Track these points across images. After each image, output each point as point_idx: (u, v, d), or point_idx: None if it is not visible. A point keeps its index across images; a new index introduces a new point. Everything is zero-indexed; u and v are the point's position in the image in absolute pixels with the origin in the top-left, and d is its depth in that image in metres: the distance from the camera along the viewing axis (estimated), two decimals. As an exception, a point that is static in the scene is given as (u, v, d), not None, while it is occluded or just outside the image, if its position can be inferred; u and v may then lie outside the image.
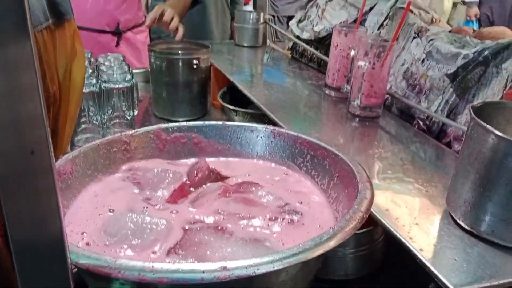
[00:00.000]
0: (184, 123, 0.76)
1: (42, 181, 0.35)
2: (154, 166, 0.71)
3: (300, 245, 0.45)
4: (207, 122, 0.77)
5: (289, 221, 0.60)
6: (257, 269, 0.41)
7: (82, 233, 0.57)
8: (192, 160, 0.75)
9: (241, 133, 0.76)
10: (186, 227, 0.58)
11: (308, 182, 0.69)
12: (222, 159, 0.76)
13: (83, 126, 1.18)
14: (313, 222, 0.60)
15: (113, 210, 0.62)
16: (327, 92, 1.18)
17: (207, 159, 0.74)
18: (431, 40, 1.03)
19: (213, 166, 0.72)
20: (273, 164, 0.74)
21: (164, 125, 0.75)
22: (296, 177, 0.71)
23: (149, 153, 0.74)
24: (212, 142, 0.76)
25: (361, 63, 1.00)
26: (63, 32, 0.76)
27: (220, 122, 0.77)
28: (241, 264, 0.42)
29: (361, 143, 0.97)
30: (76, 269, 0.45)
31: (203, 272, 0.40)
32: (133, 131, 0.73)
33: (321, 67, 1.39)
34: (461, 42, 0.97)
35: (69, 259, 0.38)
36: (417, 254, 0.60)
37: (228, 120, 1.32)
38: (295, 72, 1.41)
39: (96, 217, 0.60)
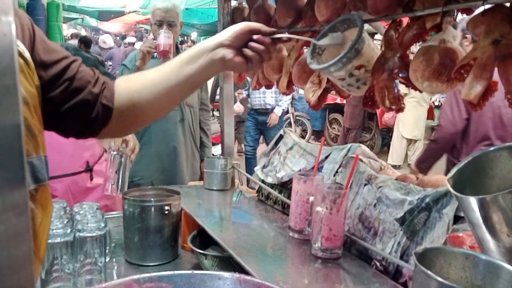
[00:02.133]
0: (154, 274, 0.81)
1: None
2: (125, 318, 0.74)
3: None
4: (176, 272, 0.82)
5: None
6: None
7: None
8: (162, 310, 0.79)
9: (209, 281, 0.81)
10: None
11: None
12: (191, 308, 0.80)
13: (54, 274, 1.20)
14: None
15: None
16: (290, 234, 1.26)
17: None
18: (380, 187, 1.15)
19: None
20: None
21: (136, 276, 0.80)
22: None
23: (121, 306, 0.77)
24: (181, 291, 0.81)
25: (319, 208, 1.09)
26: (40, 195, 0.82)
27: (189, 271, 0.82)
28: None
29: (325, 285, 1.02)
30: None
31: None
32: (106, 283, 0.77)
33: (285, 209, 1.49)
34: (406, 189, 1.09)
35: None
36: None
37: (198, 263, 1.36)
38: (262, 214, 1.49)
39: None
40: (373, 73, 1.04)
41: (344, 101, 6.42)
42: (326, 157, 1.37)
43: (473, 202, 0.70)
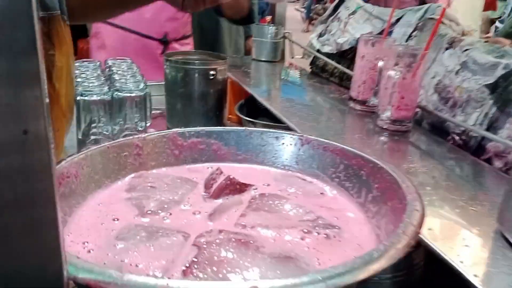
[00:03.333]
0: (202, 128, 0.69)
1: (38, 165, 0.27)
2: (168, 174, 0.64)
3: (347, 263, 0.37)
4: (228, 128, 0.70)
5: (325, 236, 0.52)
6: (297, 291, 0.34)
7: (84, 243, 0.50)
8: (210, 168, 0.68)
9: (265, 140, 0.69)
10: (203, 241, 0.50)
11: (341, 195, 0.61)
12: (244, 166, 0.69)
13: (92, 137, 1.12)
14: (350, 240, 0.52)
15: (118, 220, 0.54)
16: (351, 105, 1.11)
17: (227, 165, 0.67)
18: (466, 50, 0.96)
19: (233, 174, 0.65)
20: (300, 175, 0.66)
21: (180, 130, 0.68)
22: (328, 189, 0.63)
23: (163, 159, 0.67)
24: (232, 149, 0.69)
25: (392, 72, 0.93)
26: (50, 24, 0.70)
27: (242, 128, 0.70)
28: (276, 284, 0.34)
29: (393, 158, 0.89)
30: (75, 287, 0.38)
31: (231, 291, 0.33)
32: (146, 134, 0.66)
33: (343, 81, 1.32)
34: (500, 51, 0.89)
35: (65, 272, 0.30)
36: (471, 280, 0.51)
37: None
38: (316, 87, 1.34)
39: (99, 227, 0.52)
40: None
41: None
42: (397, 20, 1.17)
43: None
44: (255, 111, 1.24)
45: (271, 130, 0.69)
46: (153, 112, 1.31)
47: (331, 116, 1.10)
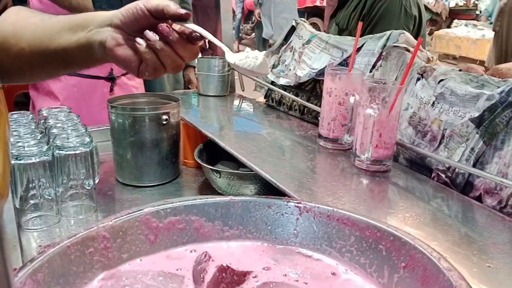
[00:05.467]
0: (180, 203, 0.58)
1: None
2: (145, 270, 0.52)
3: None
4: (209, 199, 0.59)
5: None
6: None
7: None
8: (193, 251, 0.57)
9: (255, 211, 0.59)
10: None
11: (357, 276, 0.52)
12: (233, 244, 0.58)
13: (31, 202, 0.96)
14: None
15: None
16: (322, 143, 1.04)
17: (213, 246, 0.56)
18: (441, 80, 0.91)
19: (224, 258, 0.54)
20: (303, 251, 0.57)
21: (154, 208, 0.56)
22: (340, 268, 0.54)
23: (136, 249, 0.54)
24: (217, 224, 0.58)
25: (369, 111, 0.86)
26: None
27: (227, 198, 0.59)
28: None
29: (377, 202, 0.81)
30: None
31: None
32: (114, 220, 0.54)
33: (305, 115, 1.25)
34: (479, 81, 0.85)
35: None
36: None
37: (205, 182, 1.14)
38: (277, 123, 1.26)
39: None
40: None
41: (324, 3, 6.03)
42: (358, 49, 1.12)
43: None
44: (215, 154, 1.14)
45: (261, 197, 0.59)
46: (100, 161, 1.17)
47: (301, 156, 1.01)
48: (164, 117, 1.09)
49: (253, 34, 8.78)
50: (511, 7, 3.10)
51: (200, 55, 1.70)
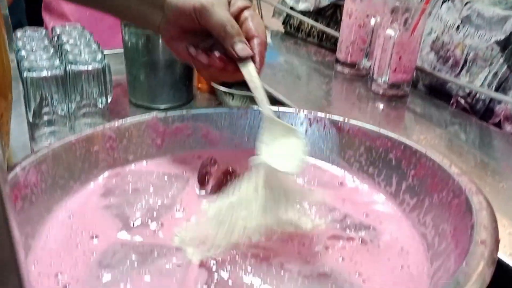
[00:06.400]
0: (187, 111, 0.57)
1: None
2: (150, 170, 0.52)
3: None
4: (217, 108, 0.58)
5: (360, 241, 0.42)
6: None
7: (56, 276, 0.38)
8: (199, 156, 0.56)
9: (263, 120, 0.57)
10: (211, 263, 0.39)
11: (365, 185, 0.52)
12: (240, 152, 0.57)
13: (45, 118, 0.96)
14: (391, 244, 0.43)
15: (97, 237, 0.42)
16: (339, 69, 1.00)
17: (221, 152, 0.55)
18: (467, 2, 0.86)
19: (230, 163, 0.53)
20: (312, 160, 0.56)
21: (161, 114, 0.56)
22: (348, 177, 0.53)
23: (142, 151, 0.54)
24: (226, 133, 0.57)
25: (390, 31, 0.82)
26: None
27: (234, 107, 0.58)
28: None
29: (392, 127, 0.79)
30: None
31: None
32: (120, 122, 0.53)
33: (323, 41, 1.21)
34: (508, 2, 0.80)
35: None
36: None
37: (220, 105, 1.13)
38: (294, 49, 1.22)
39: (74, 250, 0.40)
40: None
41: None
42: (383, -29, 1.06)
43: None
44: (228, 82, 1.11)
45: (270, 107, 0.58)
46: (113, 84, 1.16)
47: (318, 81, 0.99)
48: (178, 37, 1.06)
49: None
50: None
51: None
